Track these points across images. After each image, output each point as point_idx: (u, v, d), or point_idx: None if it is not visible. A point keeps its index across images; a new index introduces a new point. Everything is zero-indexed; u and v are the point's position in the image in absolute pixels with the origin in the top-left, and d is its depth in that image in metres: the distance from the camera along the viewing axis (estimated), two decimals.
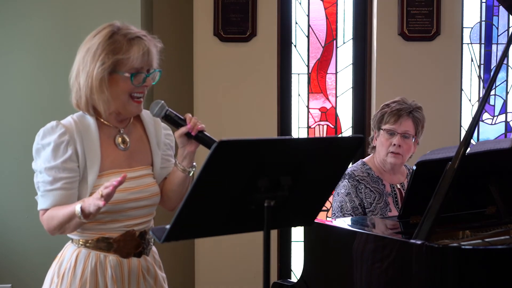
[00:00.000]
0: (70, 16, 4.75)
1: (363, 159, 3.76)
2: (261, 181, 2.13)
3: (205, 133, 2.63)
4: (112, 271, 2.63)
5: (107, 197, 2.40)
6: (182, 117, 2.64)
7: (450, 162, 2.60)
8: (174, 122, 2.64)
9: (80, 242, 2.66)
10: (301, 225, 3.03)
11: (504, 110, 5.57)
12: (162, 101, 2.65)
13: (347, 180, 3.63)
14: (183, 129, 2.62)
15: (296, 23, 5.38)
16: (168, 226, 2.16)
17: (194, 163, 2.74)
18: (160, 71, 2.67)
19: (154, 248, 2.82)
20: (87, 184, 2.59)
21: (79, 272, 2.63)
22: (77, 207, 2.47)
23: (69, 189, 2.57)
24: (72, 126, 2.61)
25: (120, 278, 2.65)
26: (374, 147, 3.74)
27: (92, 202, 2.43)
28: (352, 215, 3.56)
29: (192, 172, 2.74)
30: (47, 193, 2.58)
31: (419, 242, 2.55)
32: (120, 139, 2.69)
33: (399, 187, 3.72)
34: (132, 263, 2.68)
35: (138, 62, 2.57)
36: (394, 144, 3.61)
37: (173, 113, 2.65)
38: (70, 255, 2.67)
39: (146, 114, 2.78)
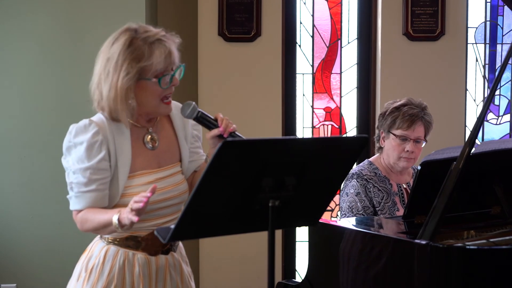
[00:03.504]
0: (74, 15, 4.75)
1: (369, 159, 3.75)
2: (266, 181, 2.13)
3: (237, 133, 2.62)
4: (140, 269, 2.65)
5: (138, 212, 2.39)
6: (213, 118, 2.62)
7: (455, 162, 2.59)
8: (206, 124, 2.63)
9: (109, 240, 2.68)
10: (306, 225, 3.02)
11: (509, 110, 5.56)
12: (194, 103, 2.62)
13: (355, 180, 3.61)
14: (215, 131, 2.61)
15: (301, 23, 5.38)
16: (172, 226, 2.16)
17: None
18: (184, 65, 2.64)
19: (181, 244, 2.84)
20: (118, 184, 2.60)
21: (107, 268, 2.64)
22: (114, 218, 2.48)
23: (103, 190, 2.58)
24: (105, 124, 2.59)
25: (148, 276, 2.66)
26: (381, 148, 3.72)
27: (126, 216, 2.42)
28: (363, 215, 3.55)
29: None
30: (82, 194, 2.57)
31: (423, 242, 2.54)
32: (149, 138, 2.68)
33: (405, 186, 3.71)
34: (160, 261, 2.69)
35: (162, 66, 2.54)
36: (407, 151, 3.58)
37: (205, 114, 2.63)
38: (98, 251, 2.68)
39: (174, 107, 2.74)
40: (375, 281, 2.75)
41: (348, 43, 5.44)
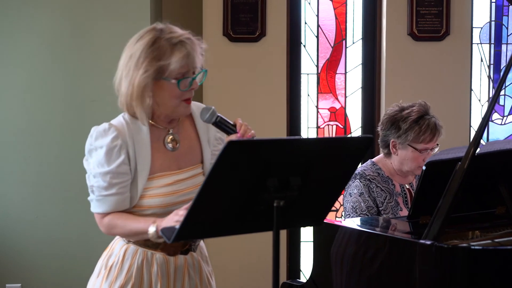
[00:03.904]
0: (78, 13, 4.75)
1: (372, 159, 3.75)
2: (270, 181, 2.13)
3: (255, 139, 2.62)
4: (158, 268, 2.67)
5: None
6: (232, 123, 2.64)
7: (459, 163, 2.59)
8: (225, 128, 2.64)
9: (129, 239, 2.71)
10: (310, 225, 3.03)
11: None
12: (213, 107, 2.63)
13: (358, 180, 3.61)
14: (232, 137, 2.62)
15: (306, 23, 5.38)
16: (177, 226, 2.16)
17: None
18: (206, 70, 2.66)
19: (202, 243, 2.85)
20: (137, 186, 2.61)
21: (126, 267, 2.66)
22: (151, 228, 2.52)
23: (123, 193, 2.60)
24: (124, 128, 2.61)
25: (166, 275, 2.68)
26: (389, 153, 3.68)
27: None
28: (367, 215, 3.55)
29: None
30: (103, 198, 2.60)
31: (428, 242, 2.54)
32: (169, 138, 2.69)
33: (408, 187, 3.71)
34: (178, 261, 2.71)
35: (181, 67, 2.55)
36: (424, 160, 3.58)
37: (224, 119, 2.64)
38: (118, 249, 2.71)
39: (196, 108, 2.76)
40: (378, 281, 2.75)
41: (353, 43, 5.44)
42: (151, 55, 2.54)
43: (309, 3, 5.38)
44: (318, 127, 5.46)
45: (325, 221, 2.64)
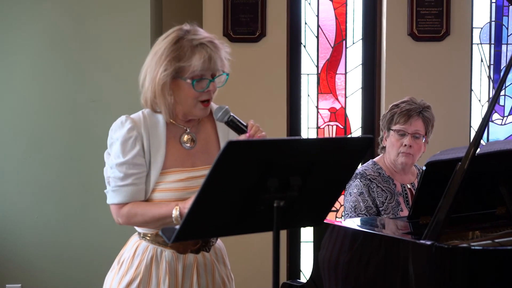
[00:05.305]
0: (78, 14, 4.76)
1: (374, 159, 3.76)
2: (271, 182, 2.13)
3: (255, 139, 2.63)
4: (166, 265, 2.69)
5: None
6: (244, 124, 2.68)
7: (460, 163, 2.59)
8: (236, 128, 2.68)
9: (142, 235, 2.74)
10: (311, 226, 3.03)
11: None
12: (226, 107, 2.69)
13: (359, 180, 3.62)
14: (242, 137, 2.65)
15: (306, 23, 5.38)
16: (177, 227, 2.16)
17: None
18: (228, 74, 2.72)
19: (219, 244, 2.88)
20: (150, 180, 2.65)
21: (136, 263, 2.71)
22: (174, 211, 2.56)
23: (138, 184, 2.64)
24: (141, 121, 2.66)
25: (174, 272, 2.70)
26: (384, 147, 3.73)
27: None
28: (366, 215, 3.55)
29: None
30: (118, 188, 2.64)
31: (428, 242, 2.54)
32: (185, 138, 2.73)
33: (409, 187, 3.72)
34: (187, 259, 2.73)
35: (199, 69, 2.60)
36: (405, 145, 3.60)
37: (236, 118, 2.69)
38: (131, 246, 2.76)
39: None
40: (377, 281, 2.75)
41: (353, 43, 5.44)
42: (172, 55, 2.60)
43: (309, 3, 5.38)
44: (318, 127, 5.46)
45: (325, 221, 2.64)
